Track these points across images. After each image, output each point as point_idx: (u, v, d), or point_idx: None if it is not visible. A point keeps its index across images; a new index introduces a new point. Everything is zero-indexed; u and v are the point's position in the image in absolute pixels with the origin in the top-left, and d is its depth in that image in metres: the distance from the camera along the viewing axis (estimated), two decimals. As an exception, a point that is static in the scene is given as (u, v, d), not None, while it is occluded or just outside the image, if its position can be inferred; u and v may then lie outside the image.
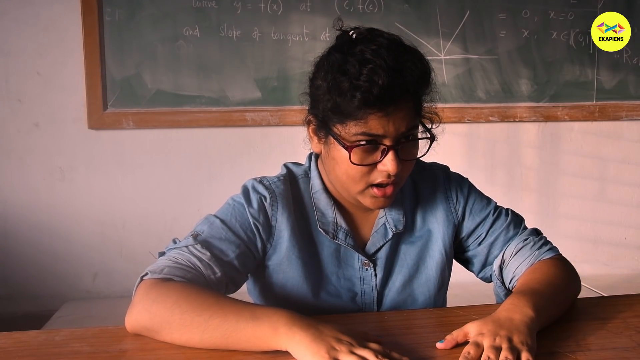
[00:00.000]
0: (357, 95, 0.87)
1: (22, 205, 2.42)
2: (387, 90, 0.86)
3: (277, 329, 0.78)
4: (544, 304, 0.89)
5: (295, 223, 1.01)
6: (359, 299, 1.04)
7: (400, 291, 1.05)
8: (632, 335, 0.89)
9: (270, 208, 1.00)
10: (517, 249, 1.06)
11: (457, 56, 2.57)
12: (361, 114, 0.88)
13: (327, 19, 2.46)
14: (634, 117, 2.73)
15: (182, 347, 0.84)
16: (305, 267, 1.01)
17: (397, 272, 1.05)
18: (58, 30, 2.36)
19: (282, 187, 1.02)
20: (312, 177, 1.05)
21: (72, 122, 2.40)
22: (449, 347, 0.82)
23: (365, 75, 0.86)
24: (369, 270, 1.03)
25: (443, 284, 1.09)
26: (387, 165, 0.91)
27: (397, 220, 1.05)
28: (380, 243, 1.04)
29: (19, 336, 0.89)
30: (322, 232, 1.01)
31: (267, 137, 2.50)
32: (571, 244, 2.74)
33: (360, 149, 0.91)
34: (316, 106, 0.95)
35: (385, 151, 0.91)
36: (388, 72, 0.86)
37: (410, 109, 0.92)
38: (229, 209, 1.00)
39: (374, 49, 0.89)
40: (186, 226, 2.64)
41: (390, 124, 0.89)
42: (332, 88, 0.90)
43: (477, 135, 2.67)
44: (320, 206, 1.03)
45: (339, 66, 0.90)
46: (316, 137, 0.99)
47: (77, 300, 2.41)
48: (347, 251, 1.03)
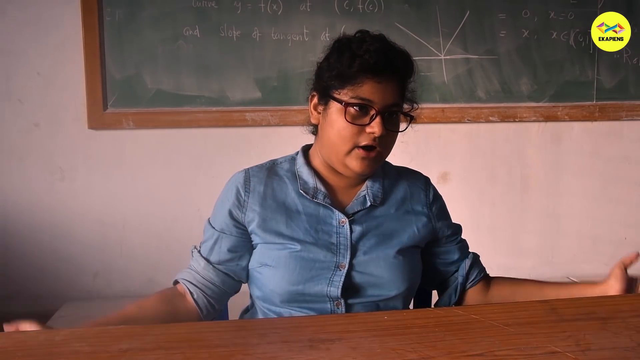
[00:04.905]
0: (357, 61, 1.06)
1: (23, 205, 2.42)
2: (381, 62, 1.06)
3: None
4: None
5: (270, 190, 1.16)
6: (335, 248, 1.12)
7: (373, 248, 1.13)
8: (632, 335, 0.89)
9: (242, 186, 1.16)
10: (469, 266, 1.23)
11: (457, 56, 2.57)
12: (359, 79, 1.06)
13: (327, 19, 2.46)
14: (634, 117, 2.73)
15: (182, 347, 0.84)
16: (286, 222, 1.13)
17: (371, 233, 1.15)
18: (58, 30, 2.36)
19: (256, 169, 1.19)
20: (298, 157, 1.21)
21: (72, 122, 2.40)
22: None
23: (365, 48, 1.06)
24: (345, 227, 1.13)
25: (413, 253, 1.17)
26: (374, 127, 1.06)
27: (376, 196, 1.17)
28: (358, 208, 1.16)
29: (19, 336, 0.89)
30: (302, 193, 1.14)
31: (267, 137, 2.51)
32: (571, 244, 2.75)
33: (354, 110, 1.07)
34: (319, 81, 1.13)
35: (373, 116, 1.07)
36: (383, 50, 1.07)
37: (397, 87, 1.09)
38: (215, 207, 1.20)
39: (372, 36, 1.10)
40: (186, 226, 2.66)
41: (380, 91, 1.06)
42: (337, 60, 1.09)
43: (477, 135, 2.67)
44: (303, 176, 1.17)
45: (342, 45, 1.10)
46: (316, 111, 1.15)
47: (77, 300, 2.41)
48: (326, 210, 1.14)
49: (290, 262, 1.09)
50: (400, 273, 1.12)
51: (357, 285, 1.10)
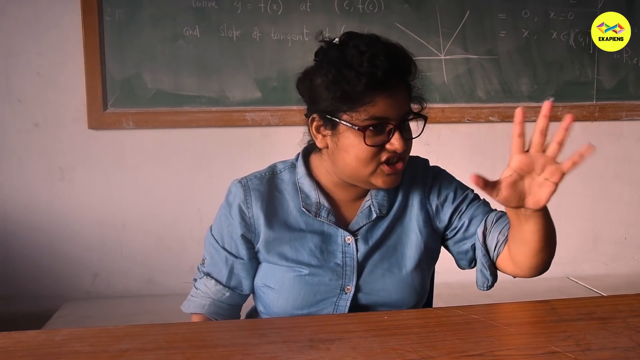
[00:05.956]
0: (364, 79, 0.95)
1: (22, 205, 2.42)
2: (390, 72, 0.96)
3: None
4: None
5: (271, 208, 1.10)
6: (340, 269, 1.08)
7: (378, 265, 1.10)
8: (632, 335, 0.89)
9: (245, 203, 1.10)
10: (497, 217, 1.12)
11: (457, 56, 2.57)
12: (369, 98, 0.96)
13: (327, 19, 2.46)
14: (634, 117, 2.73)
15: (182, 347, 0.84)
16: (290, 243, 1.09)
17: (376, 247, 1.11)
18: (58, 30, 2.36)
19: (257, 182, 1.12)
20: (298, 166, 1.13)
21: (72, 122, 2.40)
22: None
23: (367, 61, 0.95)
24: (351, 245, 1.09)
25: (420, 262, 1.12)
26: (395, 143, 0.99)
27: (381, 205, 1.12)
28: (364, 222, 1.11)
29: (19, 336, 0.89)
30: (305, 211, 1.09)
31: (267, 137, 2.50)
32: (571, 244, 2.75)
33: (371, 131, 0.98)
34: (319, 102, 1.02)
35: (391, 131, 0.99)
36: (386, 57, 0.96)
37: (406, 91, 1.02)
38: (219, 222, 1.14)
39: (365, 41, 0.98)
40: (186, 226, 2.66)
41: (394, 104, 0.98)
42: (338, 79, 0.97)
43: (477, 135, 2.66)
44: (305, 189, 1.11)
45: (338, 60, 0.98)
46: (320, 134, 1.05)
47: (77, 300, 2.41)
48: (330, 228, 1.10)
49: (295, 287, 1.07)
50: (408, 290, 1.09)
51: (364, 306, 1.08)
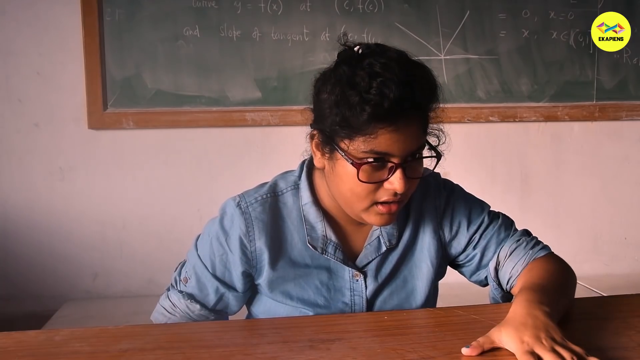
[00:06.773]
0: (367, 109, 0.84)
1: (22, 205, 2.42)
2: (398, 104, 0.84)
3: None
4: (554, 296, 0.90)
5: (276, 242, 1.02)
6: (349, 309, 1.04)
7: (388, 301, 1.06)
8: (632, 335, 0.89)
9: (247, 237, 1.01)
10: (510, 249, 1.06)
11: (457, 56, 2.57)
12: (371, 129, 0.86)
13: (327, 19, 2.45)
14: (634, 117, 2.73)
15: (182, 347, 0.84)
16: (294, 280, 1.03)
17: (385, 282, 1.06)
18: (58, 30, 2.36)
19: (259, 209, 1.02)
20: (302, 189, 1.04)
21: (72, 122, 2.40)
22: (475, 354, 0.79)
23: (376, 88, 0.84)
24: (359, 282, 1.04)
25: (430, 294, 1.09)
26: (395, 184, 0.89)
27: (391, 235, 1.05)
28: (373, 256, 1.04)
29: (19, 336, 0.89)
30: (310, 247, 1.02)
31: (267, 137, 2.50)
32: (571, 244, 2.74)
33: (368, 167, 0.88)
34: (321, 120, 0.93)
35: (392, 169, 0.89)
36: (399, 86, 0.84)
37: (419, 125, 0.90)
38: (209, 246, 1.04)
39: (383, 62, 0.86)
40: (186, 226, 2.65)
41: (399, 140, 0.87)
42: (340, 101, 0.87)
43: (477, 135, 2.66)
44: (310, 219, 1.02)
45: (347, 79, 0.87)
46: (319, 152, 0.96)
47: (77, 300, 2.41)
48: (337, 264, 1.04)
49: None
50: (418, 307, 1.06)
51: None
